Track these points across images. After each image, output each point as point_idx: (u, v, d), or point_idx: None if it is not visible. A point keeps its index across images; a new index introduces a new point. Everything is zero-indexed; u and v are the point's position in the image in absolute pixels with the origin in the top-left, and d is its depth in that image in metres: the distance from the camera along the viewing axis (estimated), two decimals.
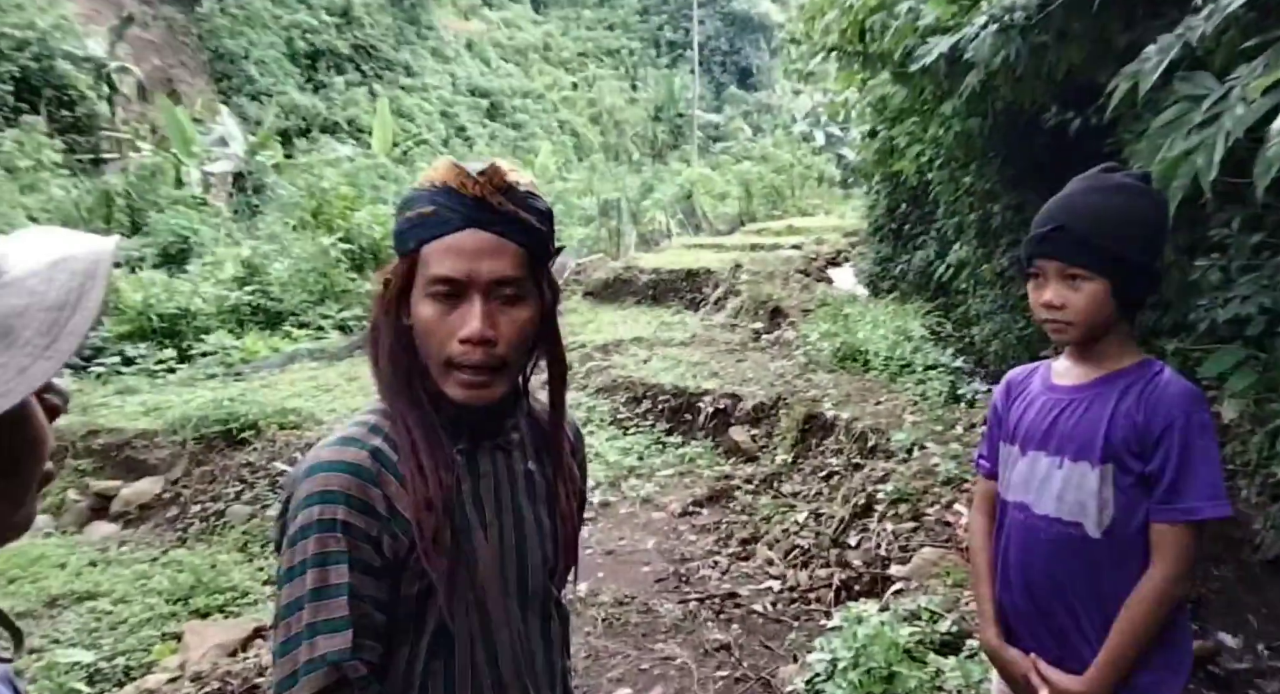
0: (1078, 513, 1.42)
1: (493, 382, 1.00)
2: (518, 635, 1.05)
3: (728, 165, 23.61)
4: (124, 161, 15.44)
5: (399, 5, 23.98)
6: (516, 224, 0.99)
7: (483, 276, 0.97)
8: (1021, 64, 3.56)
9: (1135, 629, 1.38)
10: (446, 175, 0.99)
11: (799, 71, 8.55)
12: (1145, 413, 1.38)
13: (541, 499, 1.11)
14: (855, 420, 5.37)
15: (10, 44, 15.42)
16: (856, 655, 2.66)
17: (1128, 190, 1.42)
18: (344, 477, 0.96)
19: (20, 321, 0.56)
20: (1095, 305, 1.40)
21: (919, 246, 9.51)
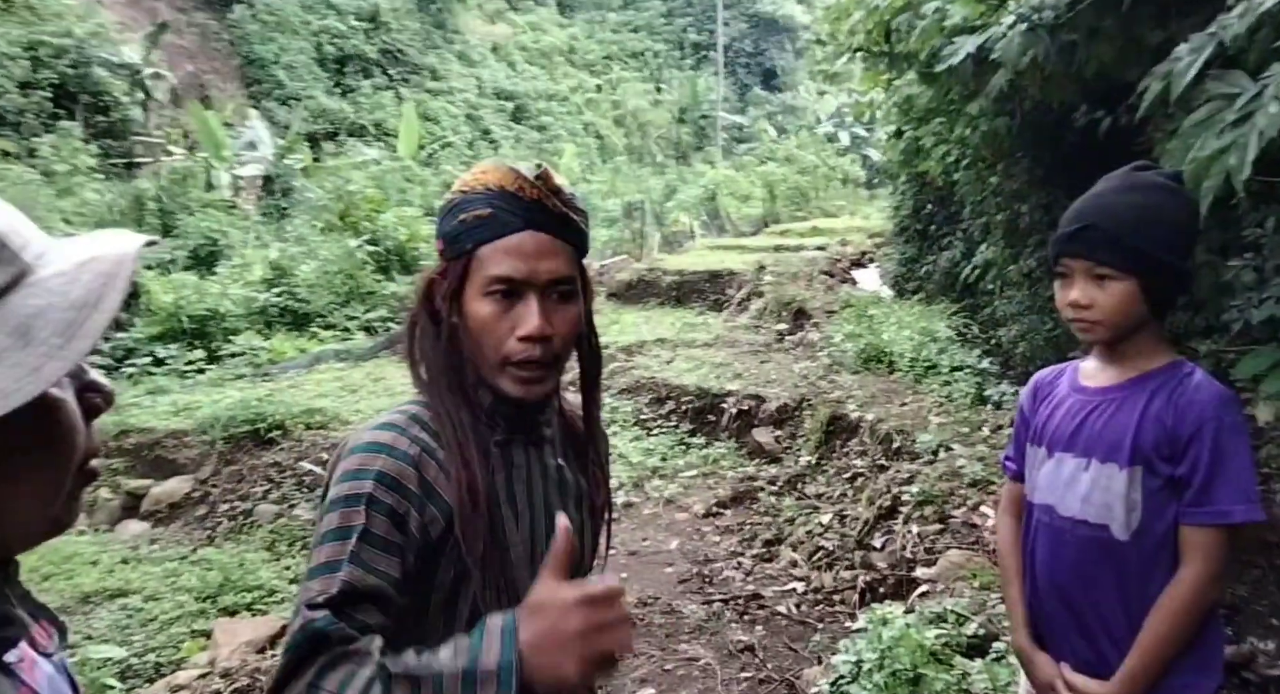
0: (1104, 515, 1.40)
1: (547, 376, 1.04)
2: None
3: (751, 166, 23.55)
4: (156, 165, 15.70)
5: (426, 10, 24.16)
6: (569, 225, 1.03)
7: (541, 276, 1.01)
8: (1050, 63, 3.52)
9: (1163, 634, 1.35)
10: (503, 179, 1.02)
11: (824, 72, 8.53)
12: (1175, 415, 1.35)
13: (571, 494, 1.14)
14: (880, 422, 5.34)
15: (49, 52, 15.76)
16: (882, 657, 2.64)
17: (1158, 189, 1.40)
18: (378, 456, 0.98)
19: (39, 321, 0.57)
20: (1124, 305, 1.38)
21: (945, 247, 9.42)
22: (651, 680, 3.07)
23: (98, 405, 0.67)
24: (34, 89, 15.33)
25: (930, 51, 4.51)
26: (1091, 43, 3.44)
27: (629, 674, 3.10)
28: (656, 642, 3.32)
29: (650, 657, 3.21)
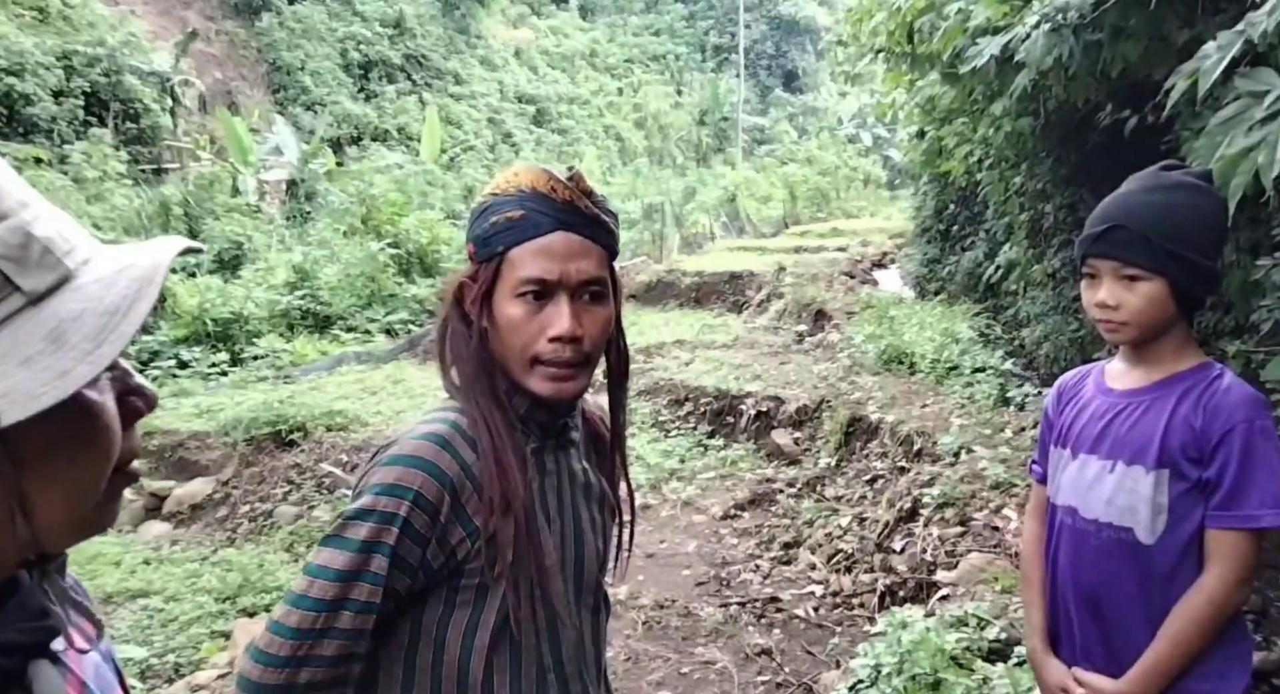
0: (1129, 518, 1.38)
1: (577, 376, 1.04)
2: (575, 630, 1.08)
3: (772, 168, 23.49)
4: (184, 171, 15.92)
5: (449, 15, 24.34)
6: (600, 226, 1.03)
7: (572, 277, 1.01)
8: (1075, 63, 3.47)
9: (1181, 635, 1.32)
10: (535, 181, 1.02)
11: (846, 73, 8.48)
12: (1205, 417, 1.33)
13: (595, 496, 1.14)
14: (900, 423, 5.28)
15: (82, 61, 16.06)
16: (901, 661, 2.60)
17: (1186, 188, 1.38)
18: (419, 473, 0.97)
19: (73, 326, 0.58)
20: (1152, 306, 1.36)
21: (967, 248, 9.32)
22: (668, 683, 3.04)
23: (139, 408, 0.67)
24: (67, 97, 15.63)
25: (953, 52, 4.47)
26: (1117, 42, 3.39)
27: (645, 677, 3.08)
28: (673, 644, 3.30)
29: (666, 660, 3.19)
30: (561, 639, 1.05)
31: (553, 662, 1.05)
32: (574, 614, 1.08)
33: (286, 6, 21.14)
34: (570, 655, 1.07)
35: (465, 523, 0.99)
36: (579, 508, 1.11)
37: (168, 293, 9.44)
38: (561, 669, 1.06)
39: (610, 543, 1.16)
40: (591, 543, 1.11)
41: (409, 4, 23.04)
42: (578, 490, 1.11)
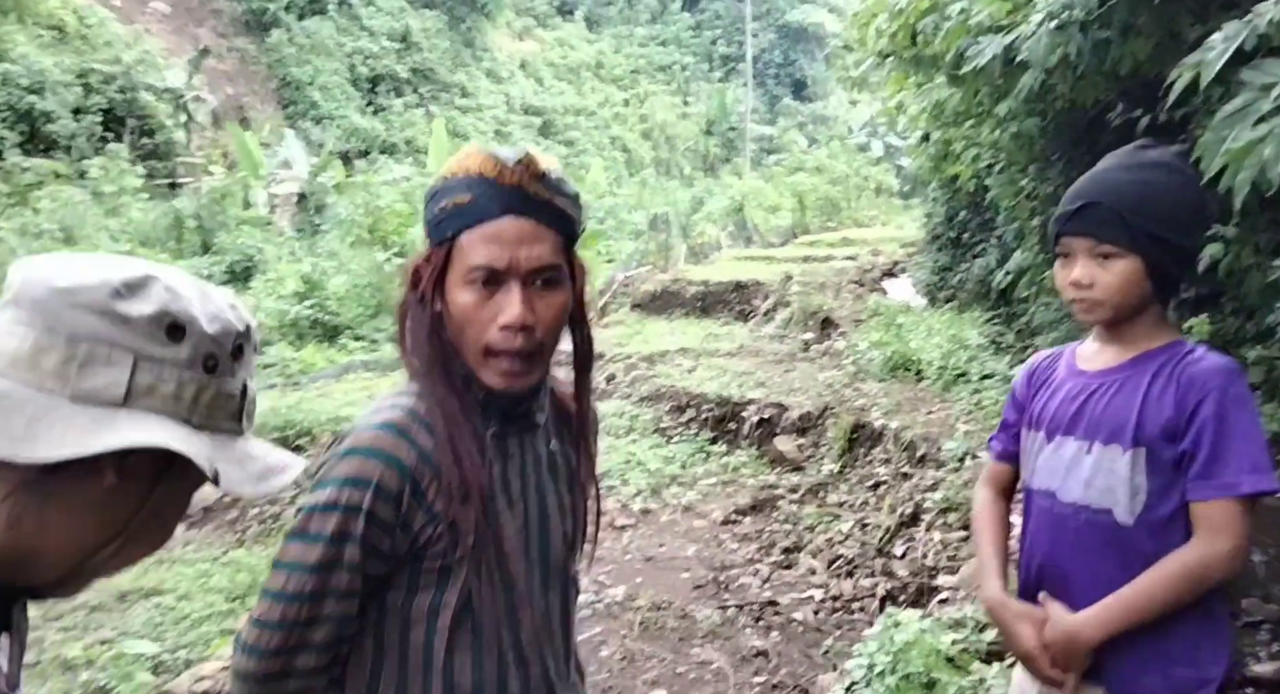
0: (1107, 499, 1.36)
1: (531, 369, 1.02)
2: (539, 612, 1.08)
3: (780, 177, 23.46)
4: (197, 185, 16.11)
5: (456, 29, 24.56)
6: (552, 211, 1.01)
7: (522, 264, 0.99)
8: (1084, 62, 3.44)
9: (1150, 587, 1.30)
10: (482, 164, 1.00)
11: (852, 79, 8.48)
12: (1178, 391, 1.32)
13: (563, 477, 1.14)
14: (905, 429, 5.27)
15: (99, 79, 16.34)
16: (894, 660, 2.59)
17: (1162, 167, 1.38)
18: (378, 465, 0.98)
19: (250, 462, 0.77)
20: (1127, 284, 1.35)
21: (979, 255, 9.26)
22: (662, 682, 3.05)
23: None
24: (85, 114, 15.90)
25: (956, 52, 4.44)
26: (1126, 39, 3.35)
27: (640, 676, 3.08)
28: (669, 645, 3.30)
29: (662, 660, 3.19)
30: (522, 621, 1.06)
31: (512, 642, 1.05)
32: (540, 597, 1.09)
33: (296, 23, 21.40)
34: (530, 638, 1.07)
35: (427, 508, 1.00)
36: (545, 490, 1.10)
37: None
38: (521, 650, 1.06)
39: (580, 524, 1.16)
40: (558, 525, 1.11)
41: (416, 18, 23.28)
42: (543, 473, 1.11)
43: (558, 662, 1.12)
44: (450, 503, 0.99)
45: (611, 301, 10.77)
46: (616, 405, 6.51)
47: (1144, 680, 1.34)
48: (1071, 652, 1.36)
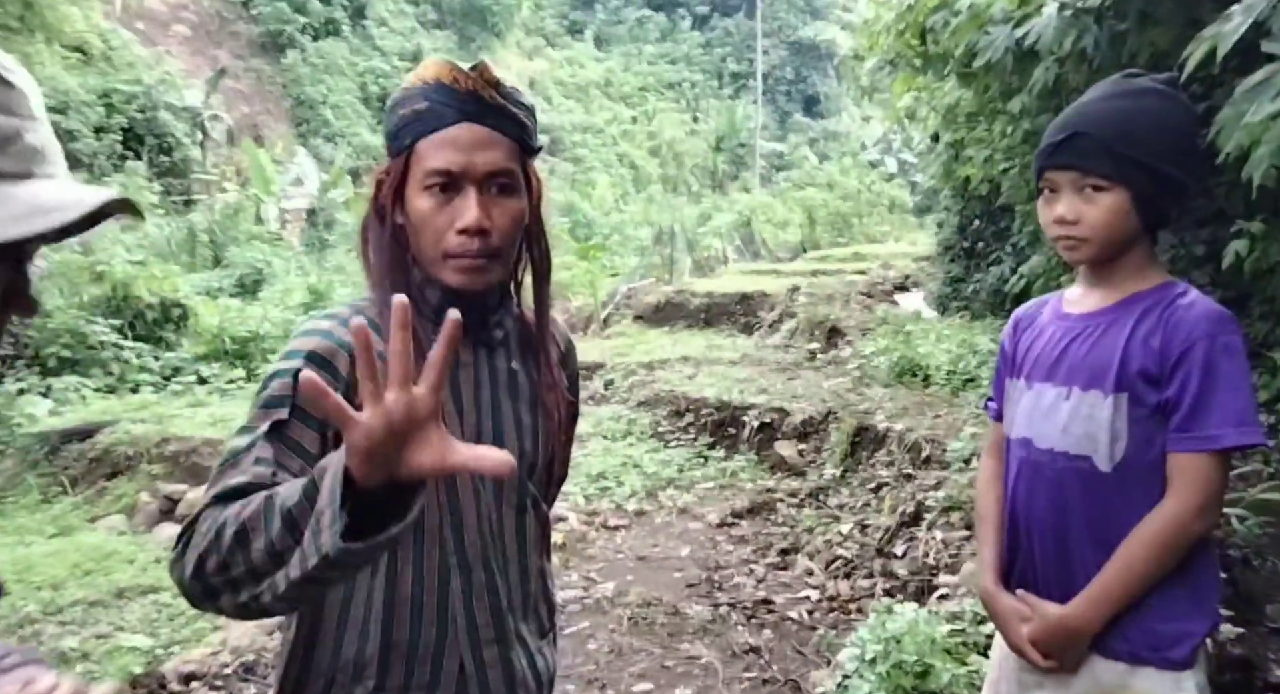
0: (1086, 446, 1.30)
1: (488, 267, 1.03)
2: (486, 520, 1.08)
3: (789, 192, 23.46)
4: (211, 201, 16.33)
5: (466, 49, 24.89)
6: (507, 117, 1.02)
7: (478, 168, 1.01)
8: (1100, 54, 3.36)
9: (1130, 561, 1.24)
10: (439, 72, 1.02)
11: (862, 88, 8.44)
12: (1164, 335, 1.25)
13: (524, 398, 1.13)
14: (909, 432, 5.18)
15: (121, 98, 16.70)
16: (886, 648, 2.52)
17: (1150, 94, 1.31)
18: (313, 339, 1.02)
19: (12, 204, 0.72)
20: (1114, 218, 1.28)
21: (993, 263, 9.14)
22: (650, 676, 2.98)
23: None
24: (107, 133, 16.24)
25: (966, 49, 4.37)
26: (1144, 29, 3.27)
27: (627, 669, 3.01)
28: (658, 640, 3.23)
29: (650, 654, 3.12)
30: (465, 524, 1.06)
31: (455, 546, 1.05)
32: (492, 509, 1.08)
33: (310, 44, 21.74)
34: (474, 542, 1.06)
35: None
36: (500, 405, 1.11)
37: (190, 312, 9.64)
38: (464, 553, 1.06)
39: (543, 447, 1.15)
40: (513, 442, 1.10)
41: (427, 38, 23.61)
42: (500, 389, 1.11)
43: (507, 578, 1.10)
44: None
45: (614, 313, 10.74)
46: (614, 410, 6.46)
47: (1123, 635, 1.29)
48: (1065, 644, 1.30)
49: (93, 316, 8.72)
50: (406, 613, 1.03)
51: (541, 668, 1.15)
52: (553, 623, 1.21)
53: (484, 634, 1.07)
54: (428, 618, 1.04)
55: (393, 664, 1.03)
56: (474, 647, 1.06)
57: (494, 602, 1.08)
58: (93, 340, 8.47)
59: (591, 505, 4.81)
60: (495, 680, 1.08)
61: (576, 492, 4.97)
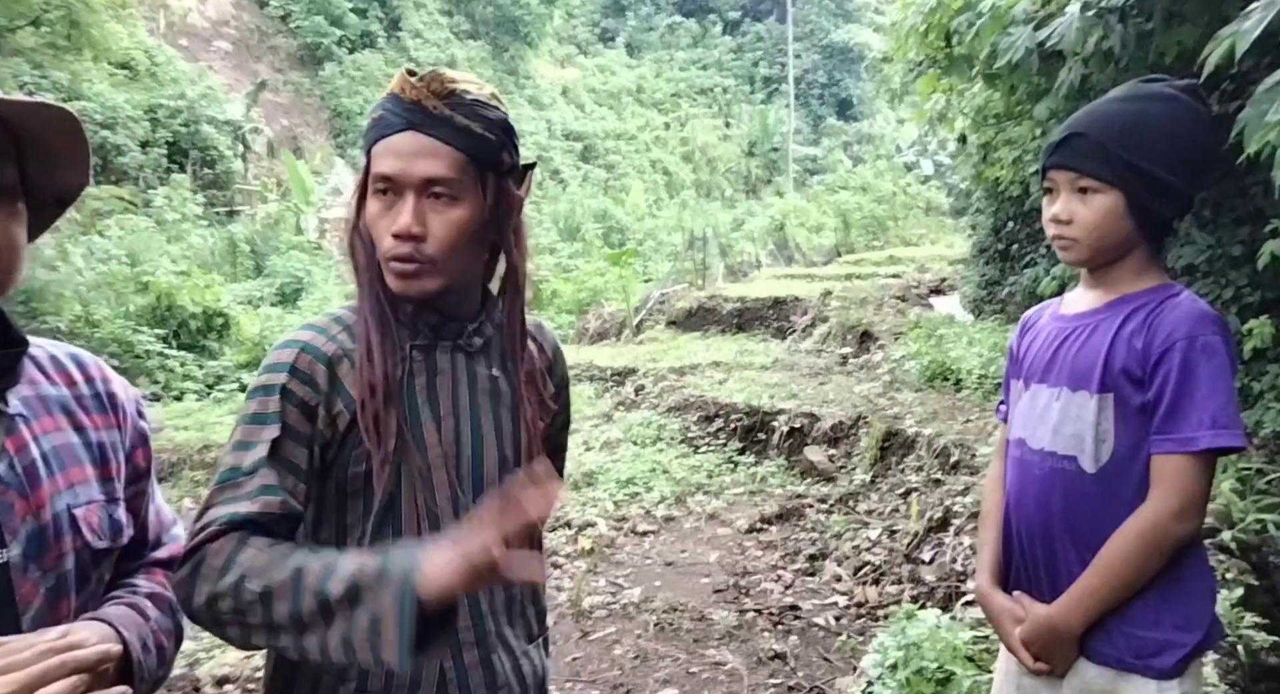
0: (1074, 447, 1.31)
1: (421, 274, 1.05)
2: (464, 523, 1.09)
3: (822, 196, 23.30)
4: (253, 212, 16.70)
5: (499, 58, 25.14)
6: (453, 128, 1.03)
7: (415, 175, 1.03)
8: (1126, 53, 3.32)
9: (1114, 561, 1.25)
10: (394, 83, 1.07)
11: (893, 91, 8.39)
12: (1147, 335, 1.25)
13: (506, 404, 1.15)
14: (938, 436, 5.15)
15: (166, 113, 17.16)
16: (907, 655, 2.52)
17: (1160, 98, 1.30)
18: (294, 351, 1.05)
19: None
20: (1106, 221, 1.28)
21: (1027, 265, 9.02)
22: (674, 682, 3.01)
23: None
24: (152, 147, 16.69)
25: (991, 49, 4.34)
26: (1170, 28, 3.23)
27: (652, 674, 3.04)
28: (683, 646, 3.26)
29: (675, 660, 3.15)
30: (442, 528, 1.07)
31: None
32: (467, 510, 1.09)
33: (347, 56, 22.14)
34: None
35: (344, 395, 1.04)
36: (479, 410, 1.12)
37: (232, 321, 9.88)
38: None
39: (524, 453, 1.16)
40: (492, 446, 1.12)
41: (461, 48, 23.88)
42: (480, 394, 1.13)
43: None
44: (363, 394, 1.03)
45: (647, 319, 10.76)
46: (644, 415, 6.50)
47: (1110, 641, 1.29)
48: (1053, 645, 1.31)
49: (139, 326, 8.97)
50: None
51: (528, 671, 1.16)
52: (543, 628, 1.23)
53: (464, 637, 1.08)
54: None
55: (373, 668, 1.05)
56: (455, 650, 1.08)
57: (473, 605, 1.09)
58: (139, 349, 8.73)
59: (620, 511, 4.85)
60: (476, 683, 1.09)
61: (605, 497, 5.02)
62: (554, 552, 4.26)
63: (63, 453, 0.94)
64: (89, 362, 1.04)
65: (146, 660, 0.92)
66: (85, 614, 0.92)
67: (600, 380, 7.95)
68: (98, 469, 0.97)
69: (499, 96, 1.11)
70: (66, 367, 1.01)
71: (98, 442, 0.99)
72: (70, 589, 0.92)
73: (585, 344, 10.69)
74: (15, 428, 0.90)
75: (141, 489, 1.06)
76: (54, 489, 0.91)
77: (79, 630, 0.84)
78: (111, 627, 0.90)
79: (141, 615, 0.96)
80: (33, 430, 0.92)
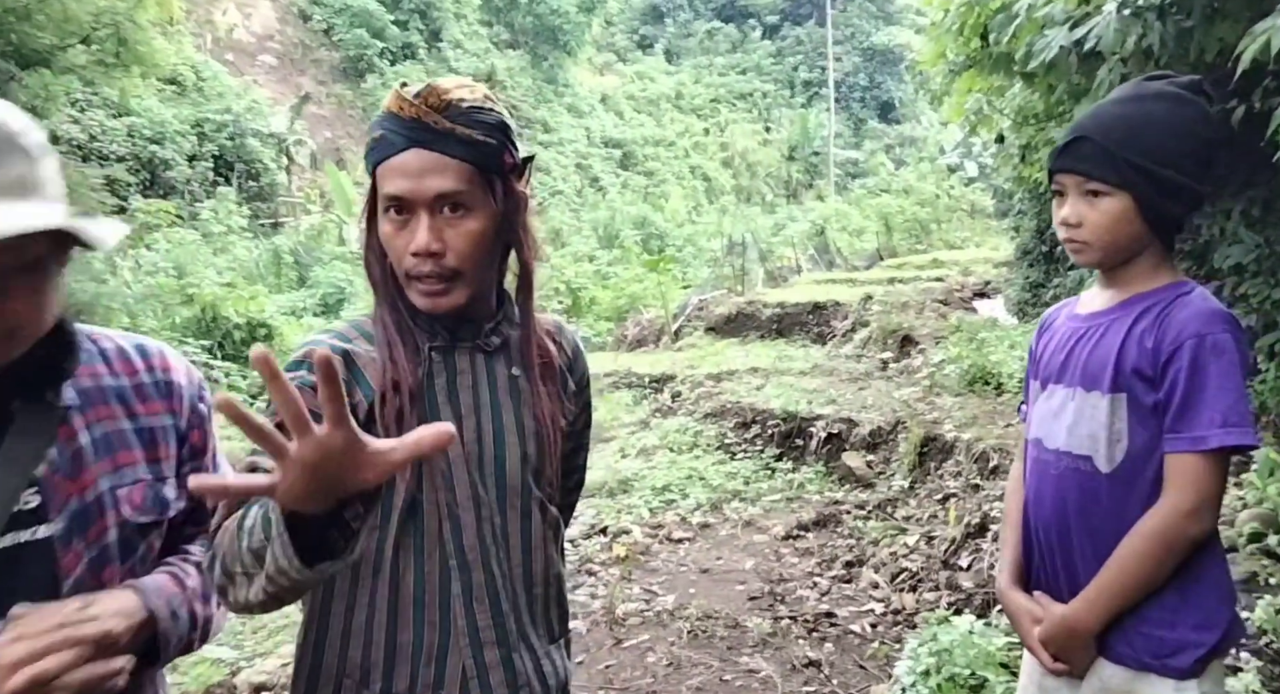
0: (1088, 447, 1.30)
1: (450, 290, 1.06)
2: (488, 523, 1.11)
3: (864, 200, 23.09)
4: (296, 223, 17.07)
5: (538, 67, 25.41)
6: (457, 140, 1.04)
7: (426, 193, 1.03)
8: (1166, 51, 3.26)
9: (1128, 561, 1.24)
10: (390, 101, 1.07)
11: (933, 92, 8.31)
12: (1158, 334, 1.25)
13: (526, 402, 1.16)
14: (977, 441, 5.06)
15: (212, 127, 17.64)
16: (939, 661, 2.49)
17: (1163, 98, 1.30)
18: (314, 348, 1.05)
19: None
20: (1116, 223, 1.28)
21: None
22: (707, 689, 2.99)
23: None
24: (199, 161, 17.15)
25: (1027, 49, 4.30)
26: (1211, 25, 3.17)
27: (685, 682, 3.03)
28: (717, 653, 3.24)
29: (709, 667, 3.14)
30: (463, 523, 1.09)
31: (455, 547, 1.09)
32: (495, 511, 1.11)
33: (389, 68, 22.55)
34: (473, 544, 1.09)
35: (363, 384, 1.07)
36: (500, 409, 1.13)
37: (276, 332, 10.09)
38: (464, 557, 1.09)
39: (547, 451, 1.17)
40: (514, 445, 1.13)
41: (500, 58, 24.18)
42: (500, 392, 1.14)
43: (510, 580, 1.13)
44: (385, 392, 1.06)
45: (685, 325, 10.75)
46: (680, 422, 6.49)
47: (1127, 641, 1.29)
48: (1070, 645, 1.31)
49: (185, 337, 9.21)
50: (410, 616, 1.07)
51: (549, 671, 1.17)
52: (564, 629, 1.23)
53: (484, 636, 1.10)
54: (430, 620, 1.07)
55: (398, 667, 1.07)
56: (475, 648, 1.09)
57: (494, 603, 1.10)
58: None
59: (656, 518, 4.85)
60: (498, 683, 1.10)
61: (641, 504, 5.02)
62: (588, 559, 4.27)
63: (113, 439, 1.05)
64: (153, 351, 1.14)
65: (176, 627, 1.03)
66: (126, 581, 1.03)
67: (638, 387, 7.96)
68: (146, 452, 1.08)
69: (492, 96, 1.11)
70: (130, 357, 1.11)
71: (148, 427, 1.09)
72: (114, 559, 1.02)
73: (623, 351, 10.72)
74: (68, 418, 1.01)
75: (201, 465, 1.16)
76: (100, 471, 1.02)
77: (98, 602, 0.94)
78: (139, 595, 1.00)
79: (179, 583, 1.06)
80: (86, 419, 1.03)
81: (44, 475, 0.97)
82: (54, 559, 0.97)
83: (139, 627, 0.97)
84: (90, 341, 1.08)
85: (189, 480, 0.80)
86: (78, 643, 0.89)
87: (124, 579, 1.02)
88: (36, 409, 0.99)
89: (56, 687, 0.87)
